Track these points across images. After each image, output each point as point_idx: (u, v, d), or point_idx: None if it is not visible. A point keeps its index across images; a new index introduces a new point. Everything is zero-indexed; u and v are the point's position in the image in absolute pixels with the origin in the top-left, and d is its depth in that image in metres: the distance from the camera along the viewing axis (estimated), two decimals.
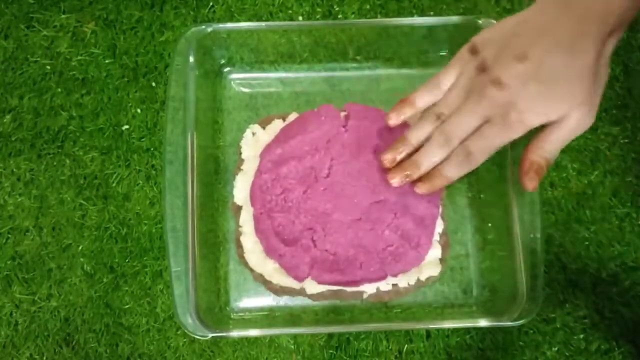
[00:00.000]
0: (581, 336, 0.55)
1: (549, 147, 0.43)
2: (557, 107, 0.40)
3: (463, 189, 0.57)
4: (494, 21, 0.53)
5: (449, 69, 0.45)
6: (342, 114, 0.56)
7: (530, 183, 0.43)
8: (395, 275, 0.53)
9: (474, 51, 0.43)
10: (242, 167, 0.56)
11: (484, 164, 0.56)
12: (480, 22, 0.53)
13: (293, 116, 0.58)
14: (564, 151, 0.58)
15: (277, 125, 0.57)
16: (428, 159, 0.46)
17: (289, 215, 0.53)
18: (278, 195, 0.53)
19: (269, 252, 0.53)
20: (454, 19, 0.54)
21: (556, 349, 0.54)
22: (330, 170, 0.54)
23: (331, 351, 0.54)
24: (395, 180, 0.47)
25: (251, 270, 0.54)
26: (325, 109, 0.55)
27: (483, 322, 0.50)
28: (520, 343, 0.54)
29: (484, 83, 0.41)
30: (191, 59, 0.52)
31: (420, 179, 0.47)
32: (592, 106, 0.41)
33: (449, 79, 0.45)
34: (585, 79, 0.40)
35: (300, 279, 0.53)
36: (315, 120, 0.55)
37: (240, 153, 0.56)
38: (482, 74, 0.42)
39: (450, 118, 0.44)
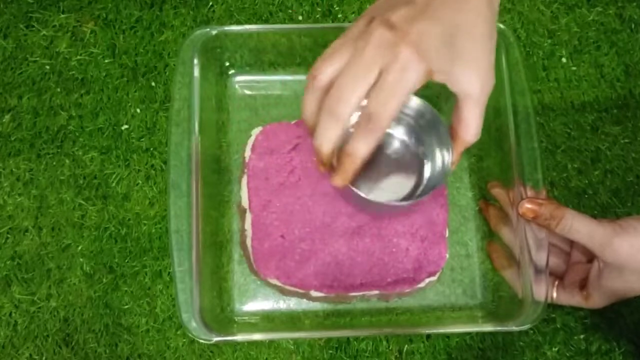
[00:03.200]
0: (582, 336, 0.55)
1: (468, 124, 0.41)
2: (452, 50, 0.38)
3: (464, 189, 0.57)
4: (497, 23, 0.53)
5: (335, 41, 0.40)
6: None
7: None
8: (420, 281, 0.53)
9: (361, 16, 0.40)
10: (246, 170, 0.56)
11: (488, 162, 0.57)
12: None
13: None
14: (564, 151, 0.58)
15: None
16: (325, 139, 0.40)
17: (288, 228, 0.53)
18: (274, 212, 0.54)
19: (273, 272, 0.53)
20: None
21: (557, 349, 0.54)
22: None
23: (331, 351, 0.54)
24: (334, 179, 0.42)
25: (255, 273, 0.54)
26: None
27: (488, 327, 0.49)
28: (521, 343, 0.54)
29: (371, 29, 0.37)
30: (195, 60, 0.52)
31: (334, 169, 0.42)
32: (490, 63, 0.39)
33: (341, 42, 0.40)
34: (477, 28, 0.38)
35: (305, 288, 0.53)
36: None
37: (245, 157, 0.56)
38: (367, 24, 0.38)
39: (336, 82, 0.38)
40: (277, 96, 0.59)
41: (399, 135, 0.52)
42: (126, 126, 0.59)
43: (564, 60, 0.61)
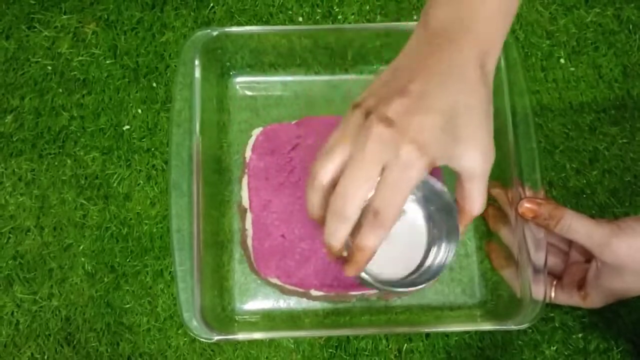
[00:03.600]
0: (580, 335, 0.55)
1: (474, 199, 0.41)
2: (452, 136, 0.38)
3: None
4: None
5: (333, 134, 0.40)
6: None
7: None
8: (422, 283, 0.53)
9: (356, 105, 0.39)
10: (247, 170, 0.56)
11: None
12: None
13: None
14: (562, 151, 0.58)
15: None
16: (334, 240, 0.39)
17: (288, 227, 0.53)
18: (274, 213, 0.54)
19: (273, 271, 0.53)
20: None
21: (555, 348, 0.55)
22: None
23: (331, 350, 0.54)
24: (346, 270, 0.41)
25: (255, 272, 0.54)
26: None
27: (486, 326, 0.50)
28: (519, 342, 0.55)
29: (369, 125, 0.37)
30: (196, 61, 0.52)
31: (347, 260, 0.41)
32: (490, 138, 0.39)
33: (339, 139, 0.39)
34: (475, 108, 0.38)
35: (305, 287, 0.53)
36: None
37: (246, 157, 0.56)
38: (367, 119, 0.38)
39: (339, 182, 0.38)
40: (277, 97, 0.59)
41: (412, 212, 0.49)
42: (127, 127, 0.59)
43: (562, 61, 0.61)
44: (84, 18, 0.62)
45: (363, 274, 0.43)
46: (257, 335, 0.51)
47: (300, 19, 0.62)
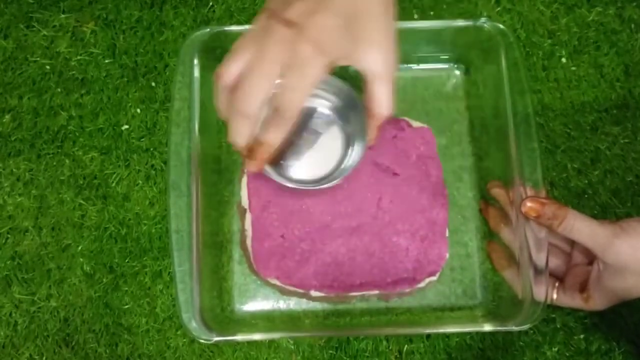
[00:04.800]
0: (581, 336, 0.55)
1: (378, 100, 0.42)
2: (352, 36, 0.39)
3: (464, 189, 0.57)
4: (497, 24, 0.53)
5: (240, 38, 0.42)
6: None
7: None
8: (420, 281, 0.53)
9: (262, 11, 0.41)
10: (246, 171, 0.56)
11: (488, 162, 0.57)
12: (484, 25, 0.53)
13: None
14: (564, 151, 0.58)
15: None
16: (238, 136, 0.42)
17: (288, 228, 0.53)
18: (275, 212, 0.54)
19: (273, 272, 0.53)
20: (456, 23, 0.54)
21: (556, 349, 0.54)
22: None
23: (331, 351, 0.54)
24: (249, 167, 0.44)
25: (255, 273, 0.54)
26: None
27: (487, 327, 0.49)
28: (521, 343, 0.54)
29: (270, 26, 0.39)
30: (195, 61, 0.52)
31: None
32: (391, 40, 0.41)
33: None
34: (374, 10, 0.39)
35: (305, 288, 0.53)
36: None
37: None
38: (266, 23, 0.39)
39: (240, 81, 0.40)
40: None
41: (325, 111, 0.53)
42: (126, 126, 0.59)
43: (563, 60, 0.61)
44: (83, 17, 0.61)
45: (267, 169, 0.47)
46: (257, 336, 0.50)
47: None
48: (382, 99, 0.43)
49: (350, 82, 0.51)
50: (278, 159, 0.50)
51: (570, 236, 0.46)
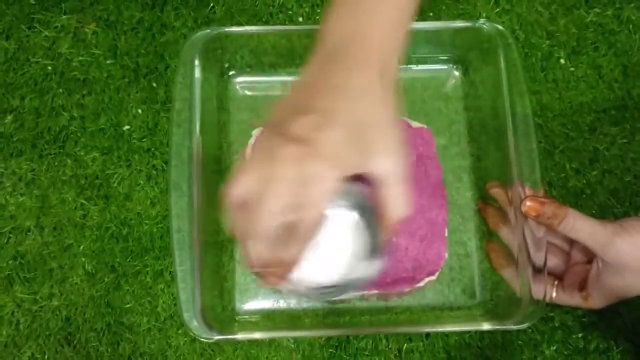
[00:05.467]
0: (580, 335, 0.55)
1: (389, 204, 0.41)
2: (361, 147, 0.38)
3: (463, 189, 0.57)
4: (496, 24, 0.53)
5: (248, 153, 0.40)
6: None
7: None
8: (419, 280, 0.54)
9: (265, 126, 0.40)
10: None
11: (487, 162, 0.57)
12: (482, 26, 0.53)
13: None
14: (562, 151, 0.58)
15: None
16: (253, 258, 0.40)
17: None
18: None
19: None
20: (455, 24, 0.55)
21: (555, 347, 0.55)
22: None
23: (331, 350, 0.55)
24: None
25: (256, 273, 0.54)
26: None
27: (486, 326, 0.50)
28: (519, 342, 0.55)
29: (278, 144, 0.37)
30: (196, 62, 0.52)
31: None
32: (399, 143, 0.40)
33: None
34: (379, 119, 0.39)
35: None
36: None
37: (245, 158, 0.56)
38: (273, 139, 0.38)
39: (250, 205, 0.38)
40: (277, 97, 0.58)
41: (340, 220, 0.46)
42: (128, 127, 0.59)
43: (562, 61, 0.61)
44: (84, 18, 0.62)
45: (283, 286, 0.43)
46: (257, 335, 0.51)
47: (300, 19, 0.62)
48: (391, 203, 0.41)
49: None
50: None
51: (571, 235, 0.47)
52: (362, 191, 0.44)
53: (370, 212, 0.45)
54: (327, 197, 0.38)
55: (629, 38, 0.62)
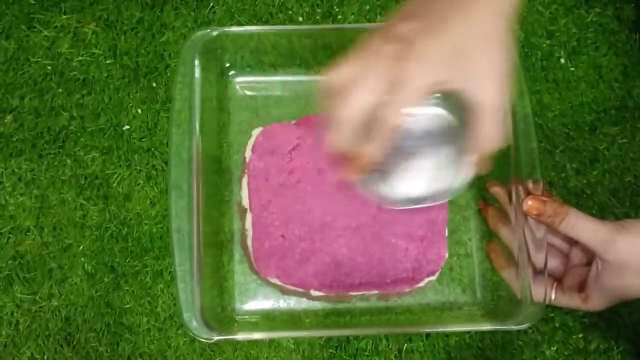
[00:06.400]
0: (580, 335, 0.55)
1: (483, 133, 0.41)
2: (464, 64, 0.39)
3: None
4: None
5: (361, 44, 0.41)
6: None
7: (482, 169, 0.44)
8: (419, 281, 0.54)
9: (385, 25, 0.40)
10: (247, 171, 0.56)
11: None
12: None
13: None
14: (562, 151, 0.58)
15: None
16: (337, 140, 0.41)
17: (288, 228, 0.53)
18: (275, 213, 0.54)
19: (273, 271, 0.53)
20: None
21: (555, 348, 0.55)
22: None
23: (331, 350, 0.54)
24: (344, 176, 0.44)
25: (255, 272, 0.54)
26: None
27: (487, 326, 0.50)
28: (520, 342, 0.55)
29: (383, 41, 0.39)
30: (196, 61, 0.52)
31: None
32: (504, 72, 0.40)
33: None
34: (492, 43, 0.39)
35: (305, 287, 0.53)
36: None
37: (245, 158, 0.56)
38: (378, 38, 0.39)
39: (347, 92, 0.40)
40: (277, 97, 0.59)
41: (439, 128, 0.48)
42: (127, 127, 0.59)
43: (562, 61, 0.61)
44: (84, 18, 0.62)
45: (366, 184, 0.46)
46: (257, 336, 0.51)
47: (300, 18, 0.62)
48: (485, 132, 0.41)
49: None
50: (380, 169, 0.47)
51: (571, 234, 0.47)
52: (453, 109, 0.45)
53: (458, 129, 0.46)
54: (412, 97, 0.39)
55: (629, 38, 0.62)
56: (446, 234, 0.55)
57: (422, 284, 0.54)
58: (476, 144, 0.43)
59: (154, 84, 0.60)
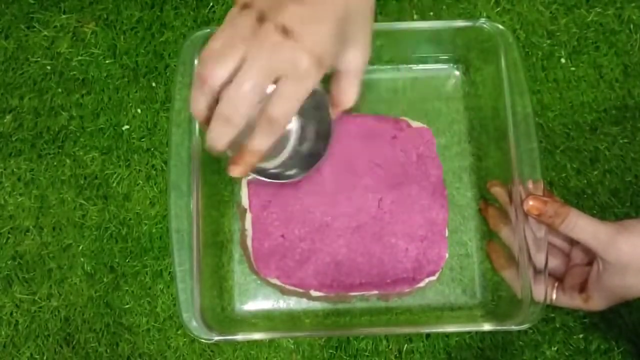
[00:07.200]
0: (581, 336, 0.55)
1: (348, 92, 0.44)
2: (342, 40, 0.40)
3: (463, 189, 0.57)
4: (497, 24, 0.53)
5: (220, 33, 0.39)
6: None
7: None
8: (420, 281, 0.53)
9: (245, 6, 0.38)
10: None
11: (488, 162, 0.57)
12: (483, 25, 0.53)
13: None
14: (563, 151, 0.58)
15: None
16: (218, 142, 0.40)
17: (288, 228, 0.53)
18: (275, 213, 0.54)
19: (273, 271, 0.53)
20: (455, 23, 0.55)
21: (556, 348, 0.54)
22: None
23: (331, 351, 0.54)
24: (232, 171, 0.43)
25: (255, 272, 0.54)
26: None
27: (487, 327, 0.49)
28: (520, 343, 0.55)
29: (265, 33, 0.37)
30: (196, 61, 0.52)
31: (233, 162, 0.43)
32: (370, 38, 0.42)
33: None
34: (363, 11, 0.41)
35: (305, 288, 0.53)
36: None
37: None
38: (262, 25, 0.37)
39: (230, 85, 0.38)
40: None
41: None
42: (127, 126, 0.59)
43: (563, 60, 0.61)
44: (83, 18, 0.61)
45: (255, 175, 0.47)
46: (257, 336, 0.51)
47: None
48: (349, 92, 0.44)
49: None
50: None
51: (572, 234, 0.47)
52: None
53: (317, 99, 0.46)
54: (308, 91, 0.38)
55: (630, 37, 0.61)
56: (446, 234, 0.55)
57: (422, 284, 0.54)
58: (339, 102, 0.45)
59: (154, 84, 0.60)
